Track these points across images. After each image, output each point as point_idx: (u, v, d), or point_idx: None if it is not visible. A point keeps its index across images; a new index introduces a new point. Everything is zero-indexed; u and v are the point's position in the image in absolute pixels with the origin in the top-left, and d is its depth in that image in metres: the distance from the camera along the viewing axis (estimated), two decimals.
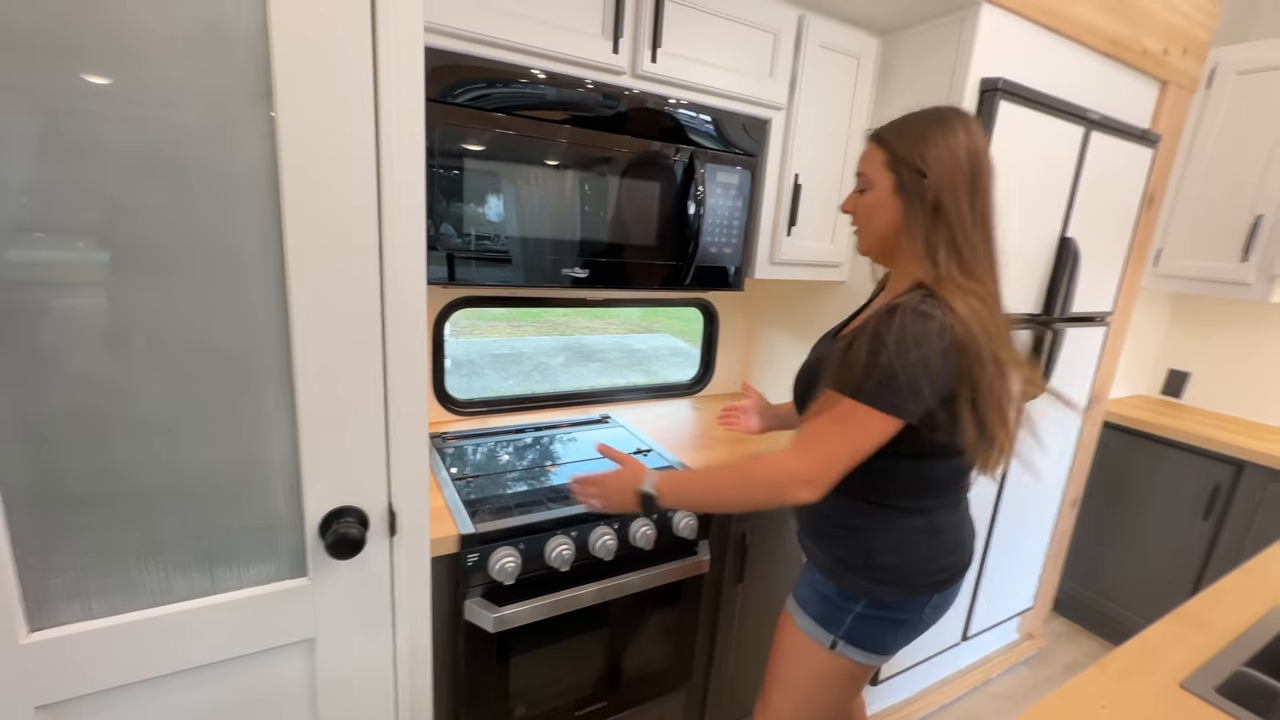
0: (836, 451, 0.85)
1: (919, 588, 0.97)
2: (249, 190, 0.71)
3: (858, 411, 0.83)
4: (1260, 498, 1.86)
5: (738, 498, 0.94)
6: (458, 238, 1.10)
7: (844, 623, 0.99)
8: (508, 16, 1.05)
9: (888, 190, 0.90)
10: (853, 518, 0.97)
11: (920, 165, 0.86)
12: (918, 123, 0.89)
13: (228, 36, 0.67)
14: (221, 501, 0.78)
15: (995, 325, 0.84)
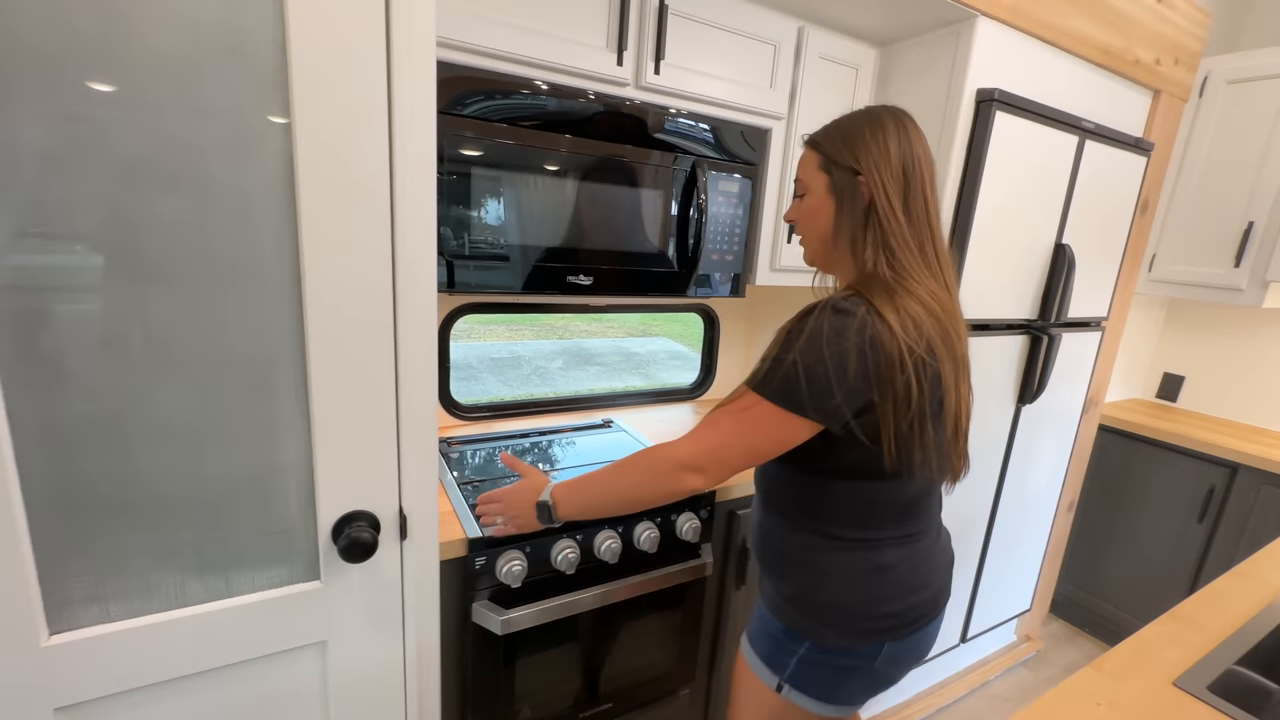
0: (728, 441, 0.80)
1: (864, 633, 0.87)
2: (267, 202, 0.73)
3: (758, 405, 0.79)
4: (1254, 500, 1.89)
5: (630, 491, 0.87)
6: (465, 245, 1.11)
7: (788, 665, 0.91)
8: (515, 30, 1.08)
9: (823, 192, 0.87)
10: (799, 549, 0.89)
11: (852, 163, 0.84)
12: (849, 123, 0.87)
13: (247, 51, 0.69)
14: (237, 506, 0.80)
15: (929, 330, 0.78)
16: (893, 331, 0.75)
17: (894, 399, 0.77)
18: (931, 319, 0.79)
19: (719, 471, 0.81)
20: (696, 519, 1.29)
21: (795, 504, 0.89)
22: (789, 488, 0.90)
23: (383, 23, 0.74)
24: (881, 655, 0.89)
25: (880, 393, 0.76)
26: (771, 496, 0.93)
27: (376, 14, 0.73)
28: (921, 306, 0.79)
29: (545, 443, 1.55)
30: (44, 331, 0.66)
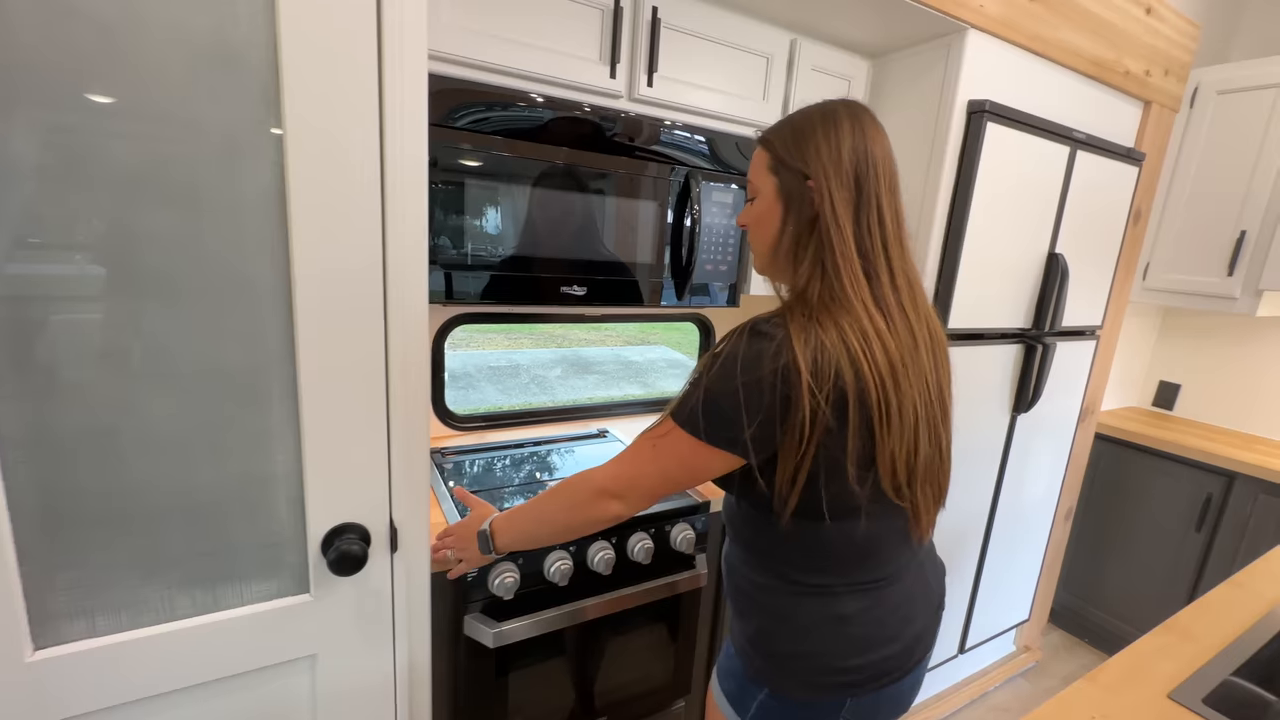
0: (644, 469, 0.78)
1: (823, 687, 0.79)
2: (258, 213, 0.73)
3: (673, 433, 0.74)
4: (1251, 509, 1.88)
5: (558, 519, 0.85)
6: (458, 256, 1.12)
7: (750, 708, 0.84)
8: (509, 43, 1.09)
9: (771, 196, 0.79)
10: (760, 591, 0.83)
11: (801, 166, 0.75)
12: (802, 120, 0.78)
13: (239, 64, 0.69)
14: (226, 520, 0.79)
15: (855, 362, 0.69)
16: (798, 363, 0.67)
17: (794, 437, 0.69)
18: (861, 342, 0.69)
19: (637, 499, 0.80)
20: (691, 529, 1.29)
21: (754, 542, 0.83)
22: (747, 525, 0.83)
23: (374, 36, 0.75)
24: (845, 709, 0.80)
25: (784, 429, 0.69)
26: (735, 531, 0.86)
27: (368, 28, 0.74)
28: (852, 333, 0.69)
29: (540, 453, 1.55)
30: (31, 342, 0.66)
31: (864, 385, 0.69)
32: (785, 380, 0.68)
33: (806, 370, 0.67)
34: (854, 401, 0.69)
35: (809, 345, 0.68)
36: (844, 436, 0.70)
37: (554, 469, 1.46)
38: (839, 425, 0.70)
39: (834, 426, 0.70)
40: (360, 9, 0.73)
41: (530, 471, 1.43)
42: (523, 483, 1.36)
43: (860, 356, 0.69)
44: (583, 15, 1.14)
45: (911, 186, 1.48)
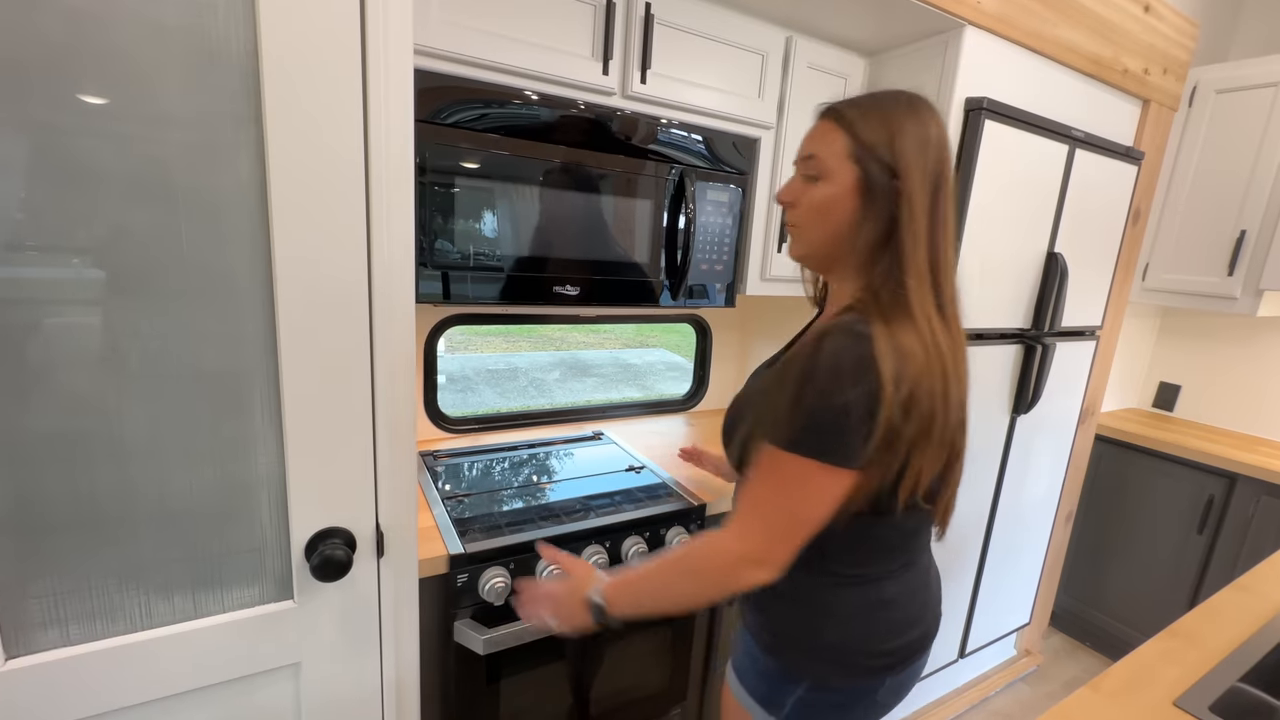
0: (777, 520, 0.71)
1: (868, 670, 0.81)
2: (238, 213, 0.71)
3: (790, 465, 0.68)
4: (1254, 510, 1.87)
5: (689, 595, 0.76)
6: (449, 256, 1.10)
7: (785, 705, 0.83)
8: (499, 39, 1.07)
9: (849, 185, 0.73)
10: (798, 589, 0.80)
11: (892, 163, 0.71)
12: (891, 110, 0.73)
13: (218, 60, 0.68)
14: (206, 524, 0.77)
15: (932, 363, 0.69)
16: (886, 368, 0.66)
17: (917, 432, 0.68)
18: (931, 351, 0.69)
19: (779, 555, 0.71)
20: (685, 532, 1.27)
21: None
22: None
23: (358, 30, 0.73)
24: (883, 688, 0.83)
25: (899, 433, 0.68)
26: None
27: (351, 22, 0.72)
28: (923, 337, 0.69)
29: (534, 455, 1.53)
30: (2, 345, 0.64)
31: (926, 392, 0.68)
32: (879, 385, 0.65)
33: (892, 377, 0.65)
34: (930, 399, 0.68)
35: (894, 345, 0.66)
36: (928, 430, 0.69)
37: (550, 472, 1.44)
38: (925, 421, 0.69)
39: (921, 422, 0.68)
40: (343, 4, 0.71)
41: (526, 475, 1.41)
42: (520, 486, 1.34)
43: (932, 356, 0.68)
44: (575, 11, 1.13)
45: None
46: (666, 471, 1.45)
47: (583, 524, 1.17)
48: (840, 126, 0.74)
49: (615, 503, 1.29)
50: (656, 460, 1.53)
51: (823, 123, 0.77)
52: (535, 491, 1.32)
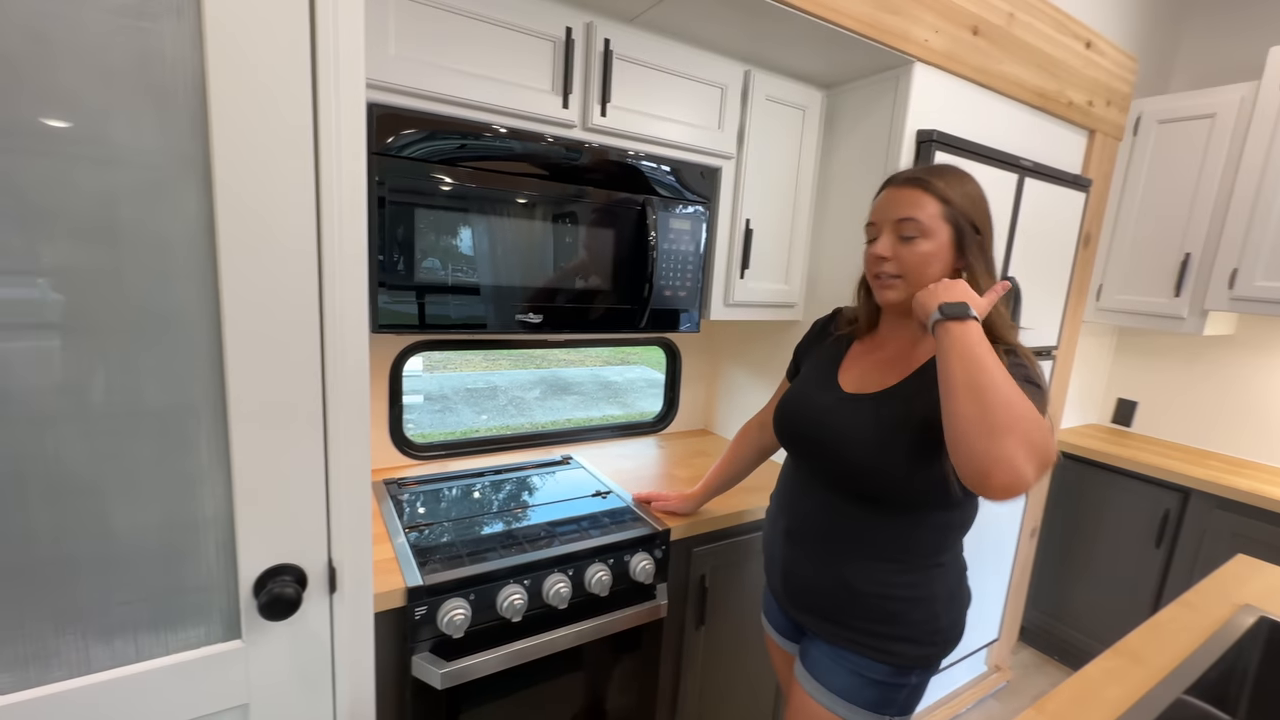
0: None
1: (953, 642, 0.98)
2: (184, 248, 0.71)
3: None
4: (1206, 524, 1.92)
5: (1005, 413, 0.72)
6: (410, 286, 1.10)
7: (897, 700, 0.96)
8: (459, 75, 1.09)
9: (946, 243, 0.90)
10: (911, 589, 0.93)
11: (978, 223, 0.91)
12: (962, 179, 0.93)
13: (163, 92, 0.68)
14: (148, 564, 0.76)
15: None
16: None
17: None
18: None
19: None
20: (650, 558, 1.27)
21: (906, 545, 0.93)
22: (896, 531, 0.93)
23: (308, 68, 0.74)
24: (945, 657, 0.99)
25: None
26: (874, 547, 0.93)
27: (300, 58, 0.73)
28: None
29: (501, 481, 1.52)
30: None
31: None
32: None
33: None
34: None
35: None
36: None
37: (516, 498, 1.43)
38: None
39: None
40: (293, 39, 0.72)
41: (491, 502, 1.40)
42: (484, 514, 1.33)
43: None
44: (534, 47, 1.15)
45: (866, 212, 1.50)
46: (632, 496, 1.46)
47: (545, 552, 1.17)
48: (930, 193, 0.90)
49: (580, 528, 1.29)
50: (624, 484, 1.53)
51: (911, 191, 0.92)
52: (499, 519, 1.31)
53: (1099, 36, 1.75)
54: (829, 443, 0.95)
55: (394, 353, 1.51)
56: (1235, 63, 2.18)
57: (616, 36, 1.22)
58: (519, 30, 1.13)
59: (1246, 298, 1.89)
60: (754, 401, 1.88)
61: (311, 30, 0.73)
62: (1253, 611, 1.10)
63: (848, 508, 0.94)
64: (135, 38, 0.66)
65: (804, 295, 1.68)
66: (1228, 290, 1.93)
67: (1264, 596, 1.16)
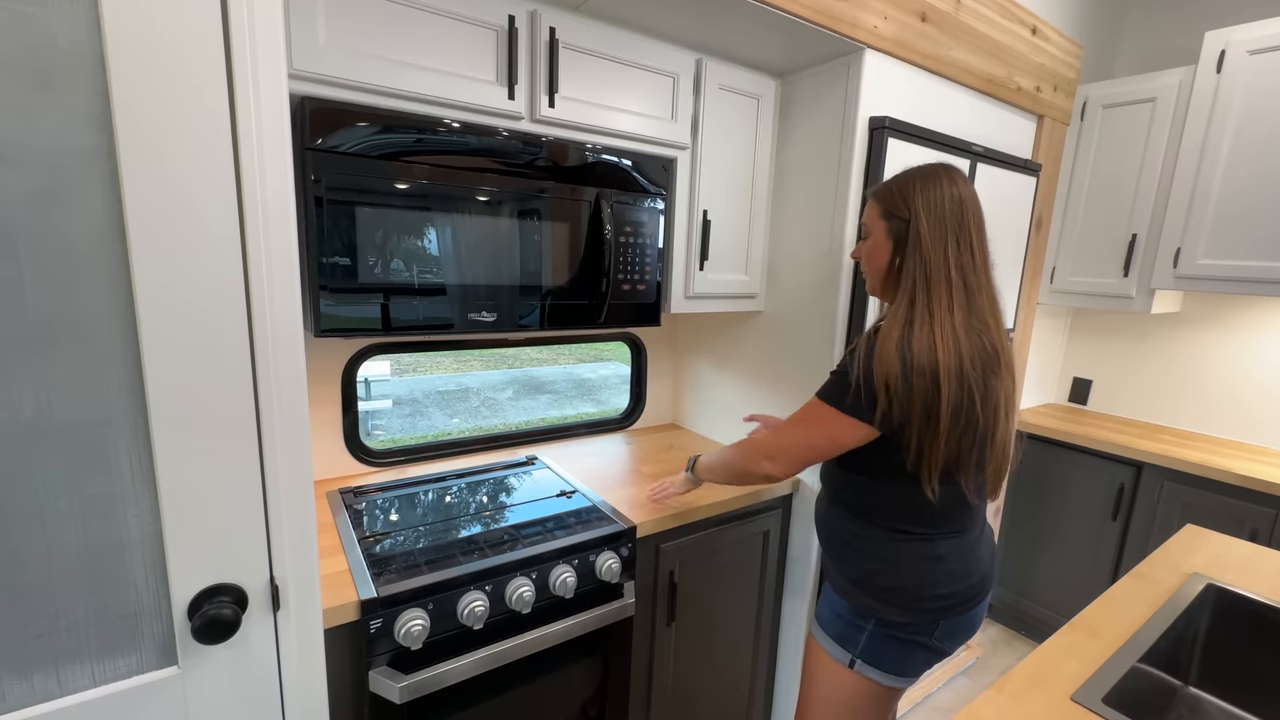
0: (795, 437, 1.05)
1: (923, 611, 1.03)
2: (91, 255, 0.66)
3: (820, 409, 1.00)
4: (1159, 496, 1.99)
5: (732, 471, 1.18)
6: (356, 289, 1.06)
7: (859, 641, 1.06)
8: (396, 65, 1.05)
9: (882, 235, 1.03)
10: (862, 540, 1.06)
11: (904, 212, 1.00)
12: (906, 177, 1.03)
13: (57, 80, 0.63)
14: (67, 592, 0.71)
15: (957, 357, 0.92)
16: (928, 357, 0.91)
17: (925, 414, 0.93)
18: (945, 349, 0.92)
19: (788, 460, 1.06)
20: (616, 556, 1.25)
21: (860, 502, 1.06)
22: (852, 489, 1.07)
23: (221, 52, 0.69)
24: (938, 630, 1.04)
25: (915, 407, 0.92)
26: (838, 495, 1.10)
27: (212, 41, 0.68)
28: (957, 335, 0.93)
29: (463, 486, 1.48)
30: None
31: (962, 378, 0.92)
32: (915, 373, 0.91)
33: (940, 362, 0.91)
34: (948, 390, 0.91)
35: (932, 342, 0.92)
36: (933, 424, 0.93)
37: (478, 502, 1.39)
38: (927, 415, 0.93)
39: (922, 415, 0.93)
40: (202, 21, 0.68)
41: (452, 507, 1.36)
42: (444, 519, 1.29)
43: (935, 359, 0.91)
44: (475, 36, 1.12)
45: (823, 200, 1.50)
46: (598, 494, 1.44)
47: (509, 555, 1.14)
48: (874, 199, 1.07)
49: (545, 529, 1.26)
50: (590, 483, 1.51)
51: (869, 201, 1.09)
52: (460, 525, 1.27)
53: (1044, 23, 1.78)
54: None
55: (345, 357, 1.45)
56: (1175, 48, 2.25)
57: (562, 25, 1.19)
58: (459, 19, 1.09)
59: (1190, 275, 1.96)
60: (720, 395, 1.88)
61: (224, 12, 0.69)
62: (1200, 579, 1.13)
63: (831, 462, 1.11)
64: (21, 22, 0.61)
65: (764, 285, 1.68)
66: (1172, 269, 1.99)
67: (1211, 564, 1.19)
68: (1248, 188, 1.83)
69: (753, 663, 1.66)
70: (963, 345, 0.93)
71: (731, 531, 1.49)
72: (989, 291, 0.99)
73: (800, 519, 1.62)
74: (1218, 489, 1.86)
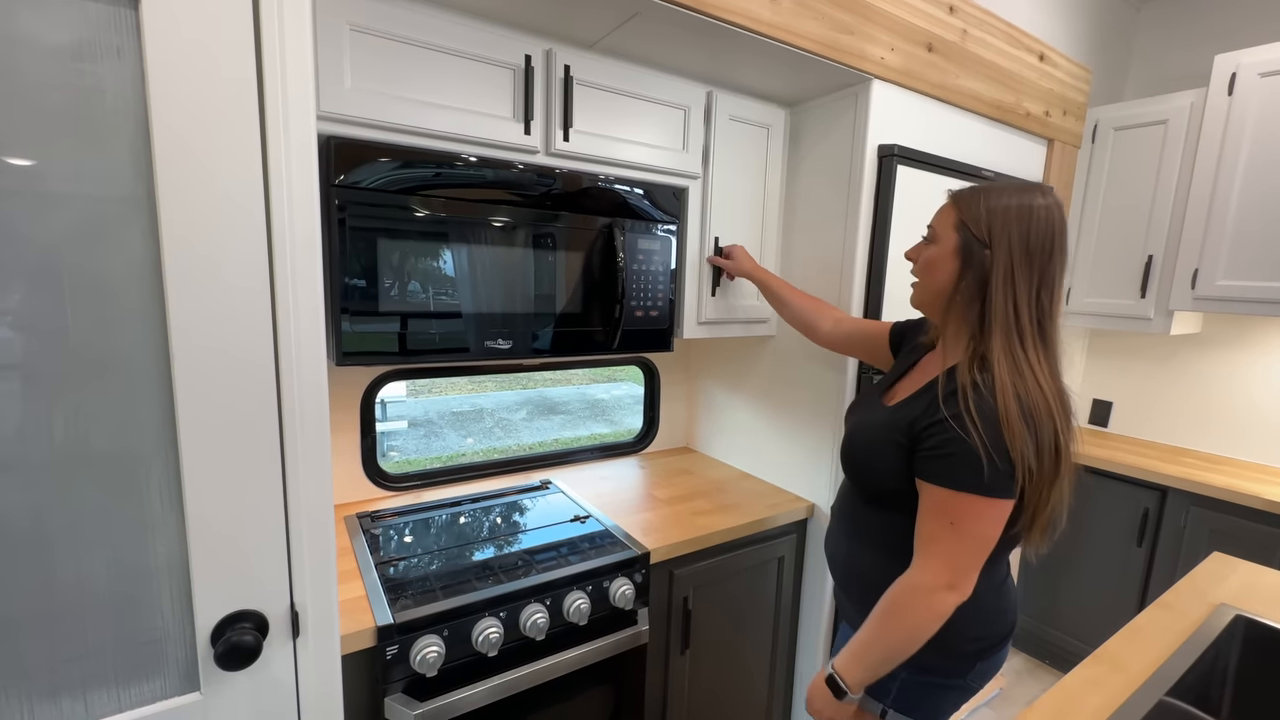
0: (963, 549, 0.85)
1: (960, 655, 0.95)
2: (130, 291, 0.70)
3: (961, 502, 0.83)
4: (1185, 521, 1.94)
5: (906, 641, 0.88)
6: (378, 316, 1.09)
7: (891, 690, 0.97)
8: (418, 105, 1.09)
9: (950, 249, 0.90)
10: (891, 578, 0.93)
11: (984, 235, 0.87)
12: (996, 193, 0.89)
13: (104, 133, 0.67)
14: (98, 617, 0.73)
15: (1039, 402, 0.83)
16: (1009, 407, 0.81)
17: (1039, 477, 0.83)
18: (1057, 403, 0.84)
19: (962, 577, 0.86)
20: (630, 583, 1.25)
21: (897, 544, 0.93)
22: (889, 529, 0.94)
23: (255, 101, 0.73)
24: (973, 671, 0.96)
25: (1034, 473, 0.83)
26: (869, 535, 0.99)
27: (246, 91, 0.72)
28: (1026, 381, 0.83)
29: (478, 510, 1.50)
30: None
31: (1062, 446, 0.84)
32: (1007, 423, 0.81)
33: (1017, 410, 0.81)
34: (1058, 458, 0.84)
35: (1013, 390, 0.82)
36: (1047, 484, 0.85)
37: (493, 527, 1.41)
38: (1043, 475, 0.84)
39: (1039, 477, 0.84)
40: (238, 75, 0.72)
41: (467, 532, 1.37)
42: (459, 544, 1.30)
43: (1048, 398, 0.84)
44: (493, 75, 1.16)
45: (833, 226, 1.52)
46: (612, 519, 1.44)
47: (523, 582, 1.14)
48: (953, 204, 0.92)
49: (559, 554, 1.27)
50: (604, 507, 1.51)
51: (946, 201, 0.95)
52: (475, 549, 1.28)
53: (1051, 49, 1.80)
54: (846, 435, 1.05)
55: (365, 383, 1.49)
56: (1183, 70, 2.26)
57: (576, 62, 1.23)
58: (478, 59, 1.14)
59: (1209, 297, 1.93)
60: (733, 418, 1.88)
61: (258, 66, 0.73)
62: (1229, 610, 1.10)
63: (855, 494, 1.02)
64: (75, 80, 0.65)
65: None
66: (1190, 290, 1.97)
67: (1239, 594, 1.16)
68: (1265, 209, 1.82)
69: (769, 693, 1.64)
70: (1049, 390, 0.84)
71: (745, 556, 1.48)
72: (1053, 341, 0.89)
73: (815, 543, 1.61)
74: (1246, 514, 1.81)
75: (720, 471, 1.84)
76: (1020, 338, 0.85)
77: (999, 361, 0.84)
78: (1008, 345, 0.84)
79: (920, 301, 0.99)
